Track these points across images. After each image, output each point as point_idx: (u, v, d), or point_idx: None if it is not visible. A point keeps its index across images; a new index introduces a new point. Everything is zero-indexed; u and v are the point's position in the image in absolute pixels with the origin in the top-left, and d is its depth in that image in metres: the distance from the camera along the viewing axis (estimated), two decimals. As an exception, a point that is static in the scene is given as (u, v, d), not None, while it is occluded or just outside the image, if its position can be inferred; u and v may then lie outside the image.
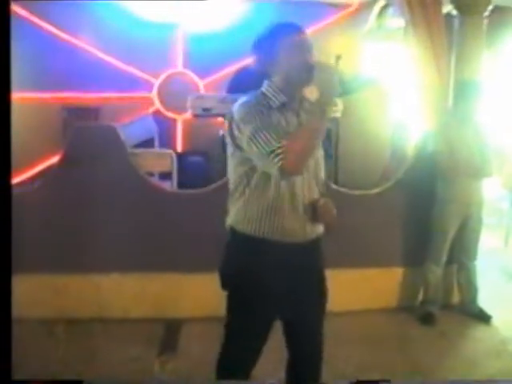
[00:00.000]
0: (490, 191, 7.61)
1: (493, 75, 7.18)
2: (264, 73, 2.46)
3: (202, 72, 7.15)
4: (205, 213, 4.15)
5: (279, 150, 2.18)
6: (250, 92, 2.45)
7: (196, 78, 7.20)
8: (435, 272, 4.65)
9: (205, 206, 4.21)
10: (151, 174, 4.81)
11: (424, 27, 4.72)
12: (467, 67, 4.76)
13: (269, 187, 2.37)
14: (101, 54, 6.94)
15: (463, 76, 4.74)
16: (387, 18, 6.83)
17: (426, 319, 4.59)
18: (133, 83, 7.11)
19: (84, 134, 4.23)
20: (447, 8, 5.01)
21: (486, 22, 4.89)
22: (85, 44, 6.92)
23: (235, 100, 2.45)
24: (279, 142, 2.19)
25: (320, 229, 2.53)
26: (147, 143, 6.45)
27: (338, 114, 5.22)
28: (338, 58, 5.43)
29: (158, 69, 7.17)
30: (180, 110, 7.10)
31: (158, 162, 4.92)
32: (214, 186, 4.35)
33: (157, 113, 7.26)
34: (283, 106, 2.40)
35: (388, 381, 3.34)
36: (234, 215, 2.48)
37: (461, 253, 4.76)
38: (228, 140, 2.42)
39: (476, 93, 4.55)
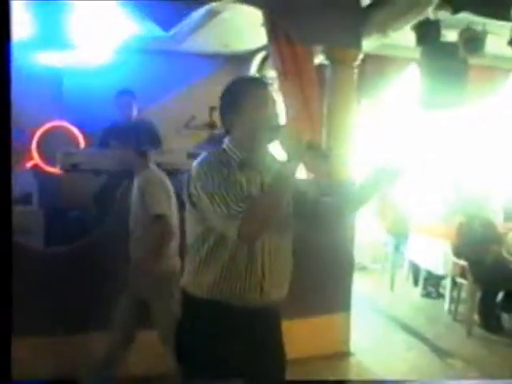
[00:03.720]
0: (375, 235, 7.84)
1: (370, 122, 7.45)
2: (226, 129, 2.36)
3: (83, 124, 6.92)
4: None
5: (238, 215, 2.06)
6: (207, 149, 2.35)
7: (76, 131, 6.96)
8: None
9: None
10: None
11: (295, 77, 4.78)
12: (338, 115, 4.84)
13: (225, 249, 2.22)
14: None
15: (334, 124, 4.83)
16: (268, 68, 6.91)
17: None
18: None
19: None
20: (320, 58, 5.10)
21: (356, 71, 5.02)
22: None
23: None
24: (238, 206, 2.07)
25: (280, 293, 2.38)
26: (24, 199, 6.12)
27: None
28: (213, 108, 5.46)
29: (37, 121, 6.88)
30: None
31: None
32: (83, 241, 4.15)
33: (35, 167, 6.94)
34: (244, 164, 2.27)
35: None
36: (187, 276, 2.34)
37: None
38: (185, 198, 2.28)
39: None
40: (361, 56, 4.95)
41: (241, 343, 2.26)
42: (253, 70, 7.19)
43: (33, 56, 6.41)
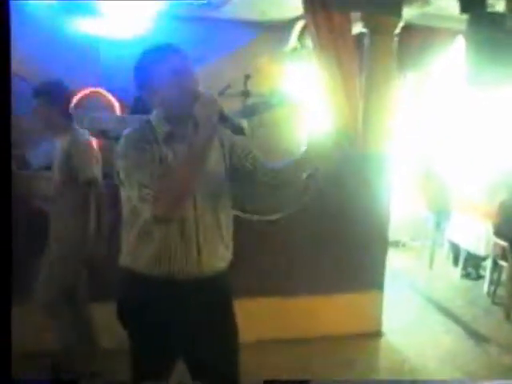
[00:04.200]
0: (415, 211, 7.60)
1: (415, 97, 7.20)
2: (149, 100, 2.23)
3: (119, 92, 6.84)
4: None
5: (148, 196, 1.99)
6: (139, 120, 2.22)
7: (113, 99, 6.89)
8: None
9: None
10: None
11: (331, 49, 4.58)
12: (377, 87, 4.62)
13: (155, 226, 2.13)
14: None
15: (373, 96, 4.61)
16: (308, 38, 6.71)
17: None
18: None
19: None
20: (358, 28, 4.87)
21: (401, 42, 4.81)
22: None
23: (132, 121, 2.16)
24: (150, 188, 2.00)
25: (221, 262, 2.29)
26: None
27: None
28: (247, 77, 5.34)
29: (74, 87, 6.82)
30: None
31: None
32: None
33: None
34: (170, 137, 2.17)
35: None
36: (124, 253, 2.27)
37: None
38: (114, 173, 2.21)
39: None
40: (401, 24, 4.70)
41: (185, 317, 2.21)
42: (292, 40, 6.99)
43: (71, 21, 6.38)
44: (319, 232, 4.48)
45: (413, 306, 5.58)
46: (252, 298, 4.08)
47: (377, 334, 4.69)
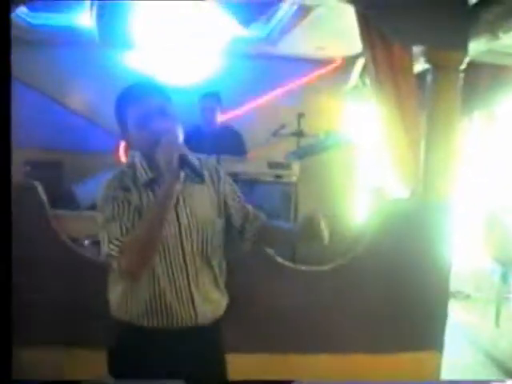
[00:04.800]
0: (480, 262, 7.13)
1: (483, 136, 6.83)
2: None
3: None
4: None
5: (113, 252, 1.94)
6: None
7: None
8: None
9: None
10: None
11: (390, 85, 4.31)
12: (440, 125, 4.30)
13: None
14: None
15: (435, 138, 4.29)
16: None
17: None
18: (99, 140, 6.65)
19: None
20: (420, 65, 4.58)
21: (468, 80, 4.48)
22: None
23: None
24: (118, 240, 1.94)
25: (216, 311, 2.25)
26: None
27: (294, 179, 4.85)
28: (301, 115, 5.14)
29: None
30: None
31: (86, 225, 4.37)
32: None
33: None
34: (153, 182, 2.11)
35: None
36: (112, 304, 2.25)
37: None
38: None
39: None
40: (467, 59, 4.38)
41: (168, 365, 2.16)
42: (353, 78, 6.75)
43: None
44: (372, 283, 4.13)
45: (474, 367, 5.09)
46: (303, 355, 3.87)
47: (433, 397, 4.25)
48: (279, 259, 4.01)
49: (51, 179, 5.87)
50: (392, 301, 4.14)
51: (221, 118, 5.60)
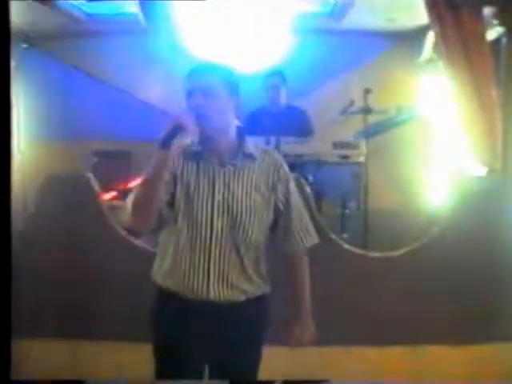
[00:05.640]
0: None
1: None
2: None
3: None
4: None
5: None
6: None
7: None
8: None
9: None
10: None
11: (462, 55, 4.03)
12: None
13: (171, 241, 2.27)
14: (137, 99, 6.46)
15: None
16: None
17: None
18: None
19: (53, 183, 3.75)
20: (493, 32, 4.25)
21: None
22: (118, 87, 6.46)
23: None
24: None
25: (234, 294, 2.27)
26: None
27: (361, 158, 4.66)
28: (367, 91, 4.89)
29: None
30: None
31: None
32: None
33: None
34: (199, 156, 2.26)
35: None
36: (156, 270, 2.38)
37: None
38: None
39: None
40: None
41: (199, 334, 2.25)
42: (426, 50, 6.38)
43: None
44: (447, 271, 3.87)
45: None
46: (380, 347, 3.74)
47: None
48: (347, 246, 3.86)
49: (119, 170, 5.87)
50: (475, 286, 3.86)
51: (286, 97, 5.39)
